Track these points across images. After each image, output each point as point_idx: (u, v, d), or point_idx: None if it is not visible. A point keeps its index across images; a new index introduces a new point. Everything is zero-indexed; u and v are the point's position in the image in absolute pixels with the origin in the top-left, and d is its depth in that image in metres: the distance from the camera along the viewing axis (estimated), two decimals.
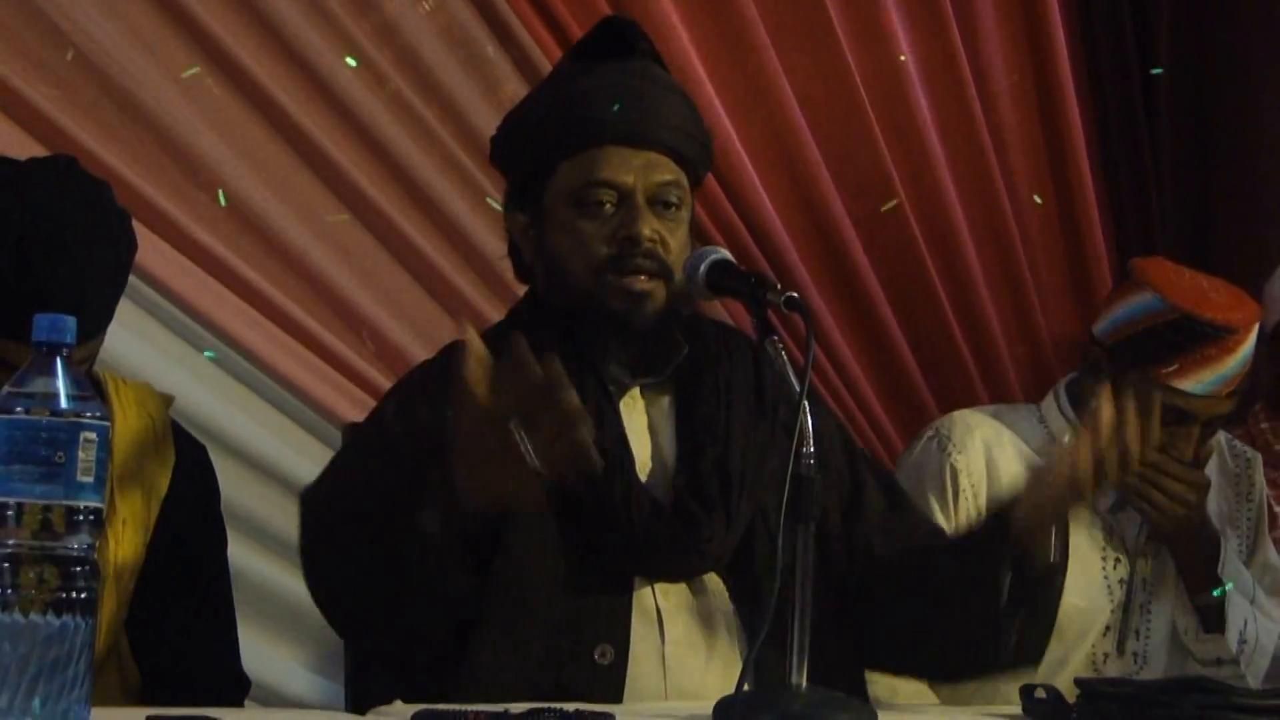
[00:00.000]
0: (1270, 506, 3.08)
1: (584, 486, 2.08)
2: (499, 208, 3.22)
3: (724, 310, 3.18)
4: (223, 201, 2.99)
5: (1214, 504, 2.94)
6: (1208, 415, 2.76)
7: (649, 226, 2.15)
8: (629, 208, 2.17)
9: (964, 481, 2.82)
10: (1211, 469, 2.96)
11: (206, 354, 2.99)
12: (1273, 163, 4.19)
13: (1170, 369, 2.70)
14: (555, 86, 2.29)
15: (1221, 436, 3.02)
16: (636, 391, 2.22)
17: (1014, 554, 2.08)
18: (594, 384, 2.16)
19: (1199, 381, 2.71)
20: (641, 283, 2.15)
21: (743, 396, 2.22)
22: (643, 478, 2.16)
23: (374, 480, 2.07)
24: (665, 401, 2.23)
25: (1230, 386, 2.74)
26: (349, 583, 2.06)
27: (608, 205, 2.17)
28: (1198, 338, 2.70)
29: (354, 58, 3.15)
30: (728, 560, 2.15)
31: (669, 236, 2.17)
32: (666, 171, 2.19)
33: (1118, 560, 2.85)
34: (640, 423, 2.21)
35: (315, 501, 2.15)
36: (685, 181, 2.22)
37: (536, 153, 2.23)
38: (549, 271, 2.23)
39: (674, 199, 2.19)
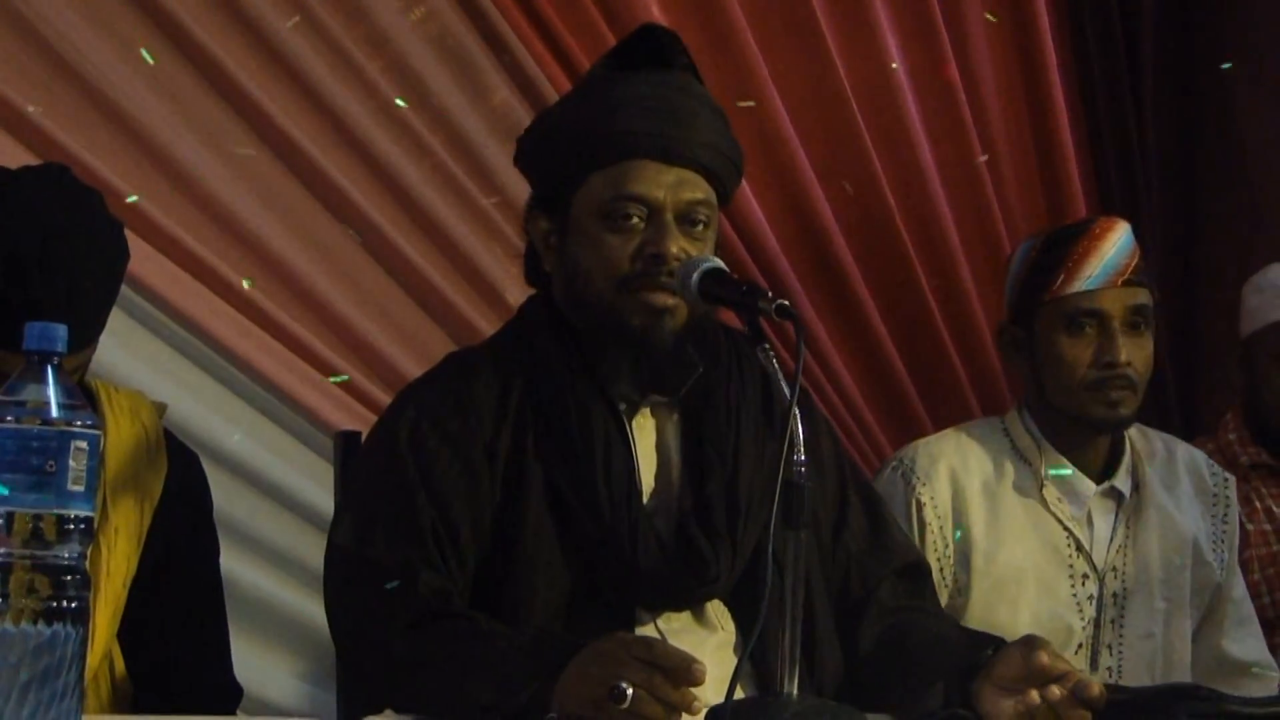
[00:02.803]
0: (1241, 524, 3.07)
1: (590, 521, 2.09)
2: (495, 212, 3.27)
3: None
4: (247, 285, 3.01)
5: (1195, 523, 2.94)
6: (1120, 309, 2.80)
7: (676, 244, 2.12)
8: (657, 224, 2.14)
9: (929, 515, 2.81)
10: (1188, 488, 2.97)
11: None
12: (1260, 169, 4.21)
13: (1058, 281, 2.80)
14: (590, 94, 2.24)
15: (1200, 456, 3.03)
16: (647, 410, 2.20)
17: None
18: (604, 404, 2.15)
19: (1086, 277, 2.80)
20: (663, 299, 2.12)
21: (752, 413, 2.20)
22: (648, 499, 2.15)
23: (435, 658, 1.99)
24: (675, 418, 2.21)
25: (1125, 274, 2.80)
26: (377, 678, 2.04)
27: (636, 220, 2.14)
28: (1064, 242, 2.83)
29: (401, 98, 3.18)
30: (732, 585, 2.14)
31: (695, 255, 2.13)
32: (697, 190, 2.17)
33: (1086, 577, 2.83)
34: (649, 441, 2.19)
35: (356, 594, 2.09)
36: (714, 200, 2.20)
37: (567, 161, 2.19)
38: (569, 281, 2.20)
39: (702, 217, 2.17)
